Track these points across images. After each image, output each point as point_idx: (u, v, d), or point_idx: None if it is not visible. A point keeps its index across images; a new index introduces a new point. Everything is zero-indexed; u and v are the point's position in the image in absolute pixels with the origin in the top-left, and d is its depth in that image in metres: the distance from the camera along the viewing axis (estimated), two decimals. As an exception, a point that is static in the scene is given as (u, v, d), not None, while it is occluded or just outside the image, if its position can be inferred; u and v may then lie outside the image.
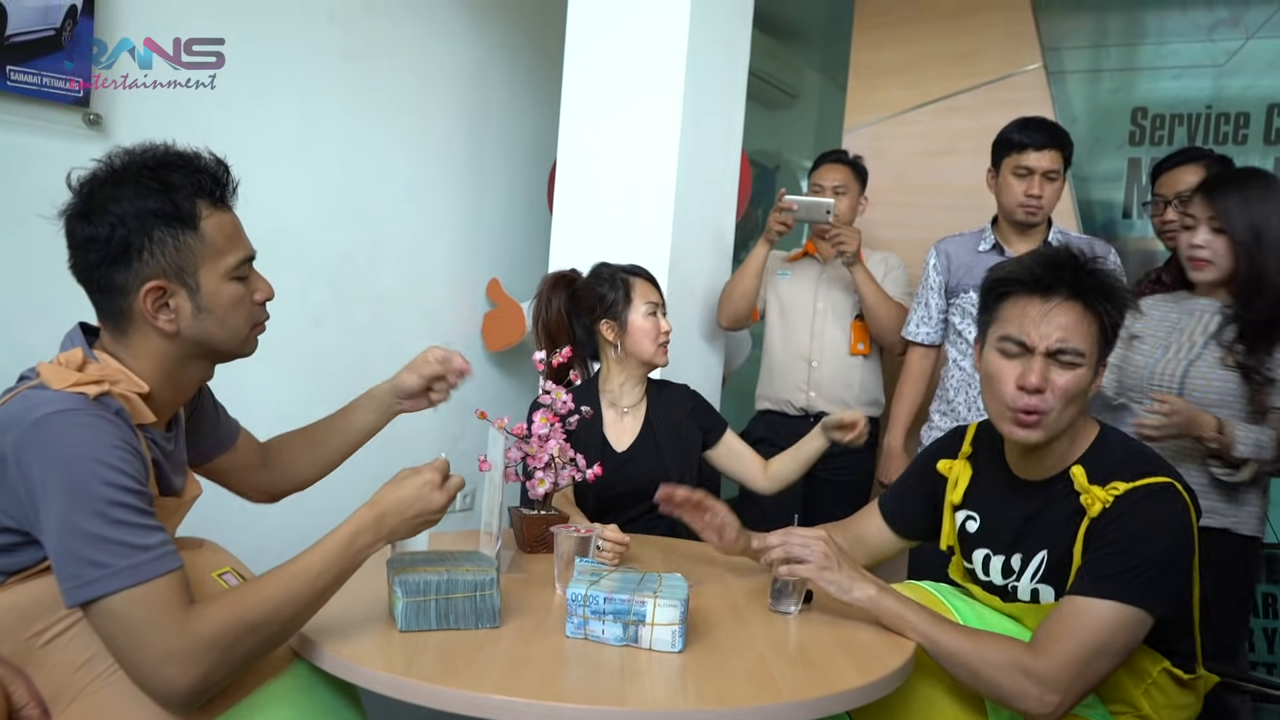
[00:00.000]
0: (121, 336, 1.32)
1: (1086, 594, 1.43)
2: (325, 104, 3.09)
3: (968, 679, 1.46)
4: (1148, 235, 3.26)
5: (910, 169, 3.46)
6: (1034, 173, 2.57)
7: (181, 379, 1.37)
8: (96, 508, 1.14)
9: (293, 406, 3.07)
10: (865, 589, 1.51)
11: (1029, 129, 2.61)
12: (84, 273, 1.31)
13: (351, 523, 1.32)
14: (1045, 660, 1.40)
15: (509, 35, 3.80)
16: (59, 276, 1.32)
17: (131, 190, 1.28)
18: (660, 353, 2.24)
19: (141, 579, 1.14)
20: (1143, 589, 1.41)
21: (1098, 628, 1.40)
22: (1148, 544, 1.43)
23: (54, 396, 1.19)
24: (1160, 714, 1.57)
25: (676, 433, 2.25)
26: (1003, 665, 1.41)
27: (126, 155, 1.32)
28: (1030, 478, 1.61)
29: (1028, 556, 1.59)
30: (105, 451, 1.17)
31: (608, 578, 1.46)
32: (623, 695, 1.23)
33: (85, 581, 1.13)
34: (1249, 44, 3.13)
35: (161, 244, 1.28)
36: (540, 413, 1.89)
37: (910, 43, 3.54)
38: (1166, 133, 3.24)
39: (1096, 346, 1.50)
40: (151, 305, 1.29)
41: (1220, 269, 2.09)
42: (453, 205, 3.61)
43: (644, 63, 2.62)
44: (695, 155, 2.67)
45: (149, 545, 1.17)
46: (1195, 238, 2.10)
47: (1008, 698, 1.42)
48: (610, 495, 2.17)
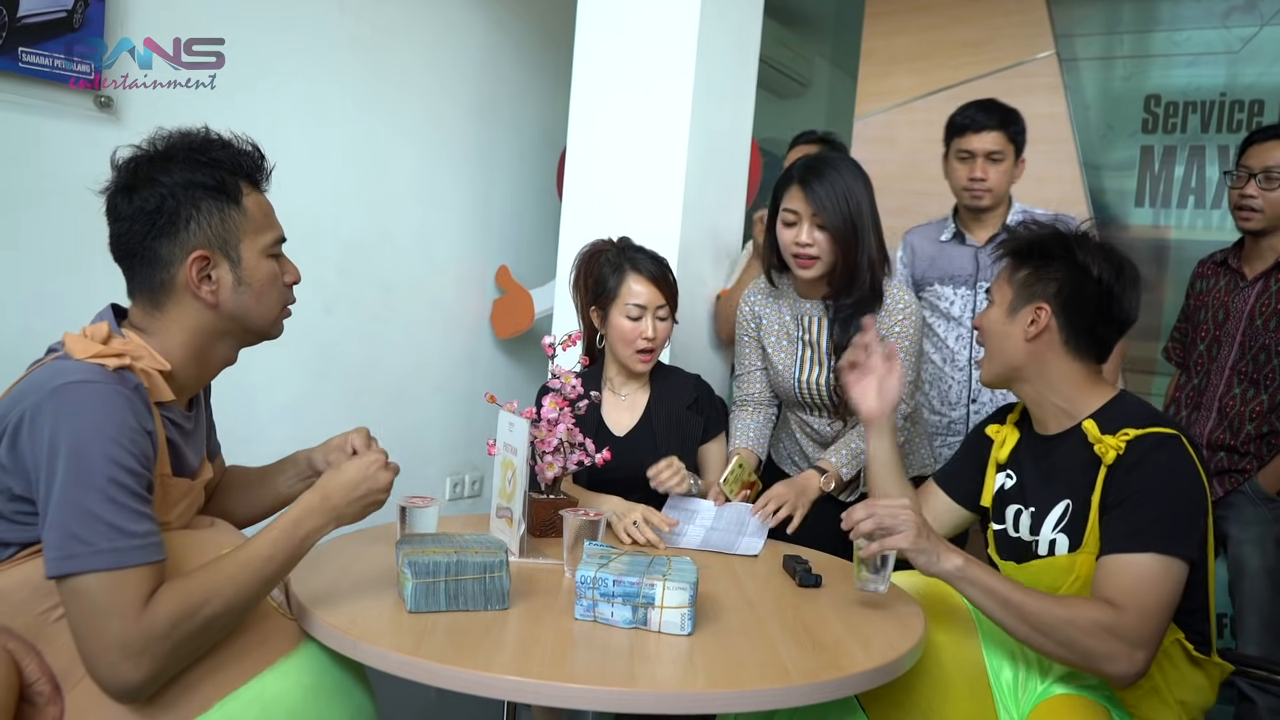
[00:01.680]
0: (157, 311, 1.35)
1: (1128, 550, 1.47)
2: (335, 91, 3.09)
3: (1055, 648, 1.46)
4: (1159, 224, 3.25)
5: (921, 156, 3.44)
6: (975, 155, 2.56)
7: (210, 356, 1.40)
8: (95, 483, 1.16)
9: (303, 393, 3.09)
10: (953, 559, 1.49)
11: (969, 111, 2.60)
12: (128, 245, 1.34)
13: (297, 508, 1.34)
14: (1127, 618, 1.42)
15: (519, 22, 3.79)
16: (69, 256, 1.33)
17: (179, 165, 1.33)
18: (636, 360, 2.12)
19: (120, 564, 1.15)
20: (1172, 537, 1.46)
21: (1154, 580, 1.44)
22: (1165, 491, 1.49)
23: (75, 366, 1.22)
24: (1171, 687, 1.58)
25: (675, 422, 2.19)
26: (1092, 630, 1.43)
27: (170, 137, 1.37)
28: (1046, 433, 1.70)
29: (1049, 507, 1.64)
30: (114, 428, 1.19)
31: (617, 560, 1.46)
32: (632, 677, 1.23)
33: (67, 554, 1.15)
34: (1263, 31, 3.11)
35: (209, 215, 1.34)
36: (549, 397, 1.89)
37: (921, 30, 3.52)
38: (1180, 120, 3.22)
39: (1012, 287, 1.68)
40: (196, 274, 1.33)
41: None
42: (462, 192, 3.61)
43: (654, 50, 2.61)
44: (705, 143, 2.66)
45: (136, 531, 1.18)
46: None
47: (1099, 660, 1.43)
48: (604, 480, 2.12)
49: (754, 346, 2.36)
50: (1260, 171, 2.44)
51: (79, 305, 1.38)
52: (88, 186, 1.39)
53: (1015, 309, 1.66)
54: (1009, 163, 2.59)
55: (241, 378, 1.73)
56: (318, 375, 3.12)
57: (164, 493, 1.33)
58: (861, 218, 2.10)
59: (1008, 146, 2.57)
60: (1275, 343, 2.42)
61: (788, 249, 2.16)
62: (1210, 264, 2.64)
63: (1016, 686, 1.61)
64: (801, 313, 2.27)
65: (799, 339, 2.27)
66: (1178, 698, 1.58)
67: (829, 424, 2.31)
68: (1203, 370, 2.57)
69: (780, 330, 2.30)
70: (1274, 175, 2.41)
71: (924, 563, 1.49)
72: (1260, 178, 2.43)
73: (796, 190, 2.12)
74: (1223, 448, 2.50)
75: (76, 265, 2.32)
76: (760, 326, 2.33)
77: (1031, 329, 1.64)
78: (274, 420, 2.96)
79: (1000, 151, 2.56)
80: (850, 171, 2.12)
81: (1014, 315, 1.66)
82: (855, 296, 2.15)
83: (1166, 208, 3.26)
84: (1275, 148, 2.45)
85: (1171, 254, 3.22)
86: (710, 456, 2.26)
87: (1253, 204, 2.44)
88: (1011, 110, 2.62)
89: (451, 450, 3.70)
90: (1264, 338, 2.44)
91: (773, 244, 2.22)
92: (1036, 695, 1.57)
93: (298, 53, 2.95)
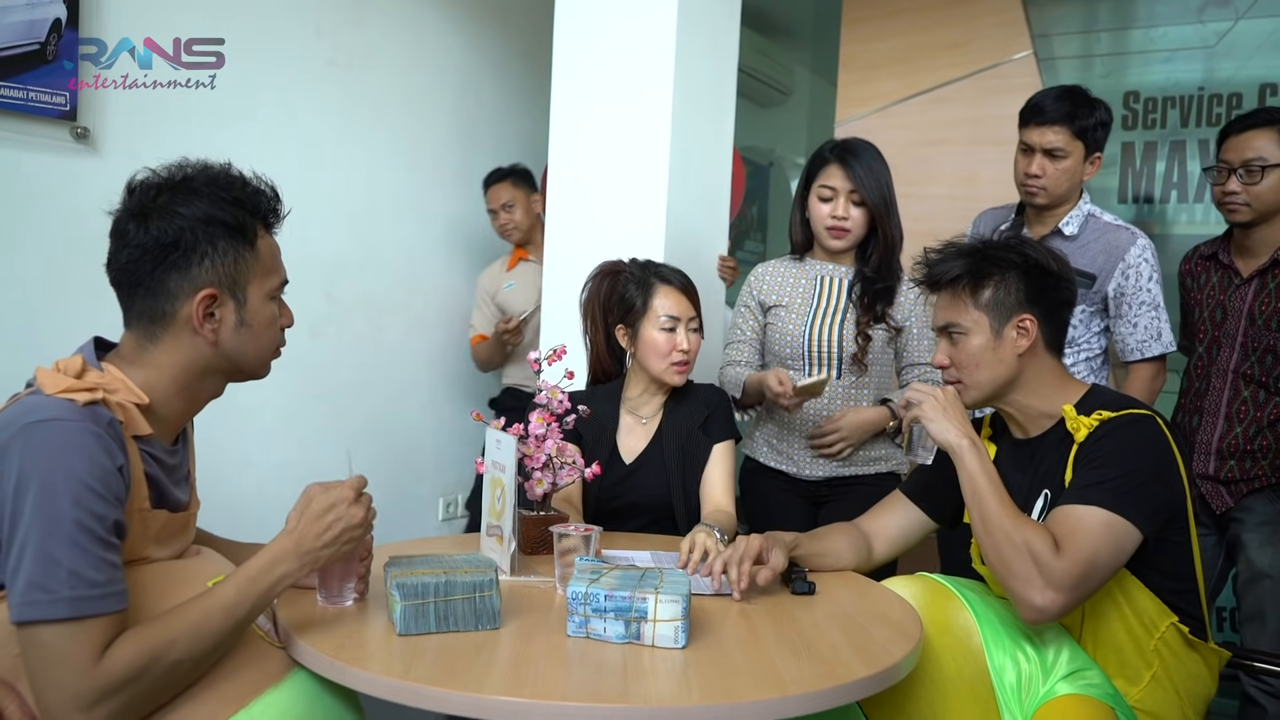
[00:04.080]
0: (150, 342, 1.33)
1: (1073, 501, 1.51)
2: (314, 114, 3.09)
3: (990, 551, 1.54)
4: (1143, 219, 3.25)
5: (903, 160, 3.43)
6: (1034, 150, 2.40)
7: (198, 391, 1.39)
8: (61, 527, 1.13)
9: (291, 416, 3.08)
10: (958, 436, 1.61)
11: (1039, 98, 2.43)
12: (133, 273, 1.31)
13: (266, 554, 1.30)
14: (1058, 557, 1.46)
15: (498, 42, 3.79)
16: (47, 289, 1.31)
17: (201, 199, 1.32)
18: (672, 371, 2.10)
19: (78, 614, 1.13)
20: (1125, 499, 1.49)
21: (1091, 531, 1.47)
22: (1128, 459, 1.52)
23: (44, 403, 1.19)
24: (1172, 677, 1.57)
25: (684, 447, 2.14)
26: (1021, 549, 1.48)
27: (190, 168, 1.36)
28: (1027, 437, 1.73)
29: (1031, 502, 1.66)
30: (83, 468, 1.16)
31: (608, 575, 1.45)
32: (626, 693, 1.21)
33: (27, 601, 1.12)
34: (1239, 25, 3.12)
35: (224, 254, 1.33)
36: (537, 413, 1.87)
37: (899, 34, 3.53)
38: (1159, 116, 3.23)
39: (986, 312, 1.67)
40: (201, 312, 1.32)
41: None
42: (446, 212, 3.61)
43: (633, 64, 2.61)
44: (687, 155, 2.66)
45: (97, 580, 1.15)
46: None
47: (1016, 580, 1.48)
48: (612, 506, 2.13)
49: (750, 319, 2.45)
50: (1240, 165, 2.35)
51: (56, 338, 1.37)
52: (65, 218, 1.37)
53: (998, 330, 1.67)
54: (1072, 161, 2.38)
55: (229, 402, 1.70)
56: (305, 398, 3.10)
57: (142, 527, 1.30)
58: (890, 195, 2.31)
59: (1073, 143, 2.38)
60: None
61: (822, 221, 2.32)
62: (1199, 258, 2.54)
63: (1020, 688, 1.59)
64: (824, 274, 2.39)
65: (815, 295, 2.37)
66: (1182, 688, 1.58)
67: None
68: (1203, 374, 2.46)
69: (794, 292, 2.40)
70: (1254, 167, 2.33)
71: (935, 430, 1.63)
72: (1241, 172, 2.35)
73: (835, 168, 2.30)
74: (1234, 455, 2.38)
75: (54, 298, 2.30)
76: (769, 299, 2.43)
77: (1023, 342, 1.66)
78: (262, 445, 2.95)
79: (1062, 148, 2.37)
80: (878, 155, 2.33)
81: (999, 336, 1.67)
82: (880, 264, 2.32)
83: (1150, 203, 3.27)
84: (1252, 138, 2.35)
85: (1156, 249, 3.22)
86: (713, 465, 2.16)
87: (1237, 199, 2.36)
88: (1088, 102, 2.40)
89: (443, 470, 3.68)
90: (1268, 338, 2.34)
91: (802, 220, 2.39)
92: (1040, 696, 1.56)
93: (276, 79, 2.95)
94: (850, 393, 2.35)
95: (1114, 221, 2.48)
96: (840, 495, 2.35)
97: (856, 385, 2.35)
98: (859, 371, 2.33)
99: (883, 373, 2.38)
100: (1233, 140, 2.39)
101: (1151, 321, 2.41)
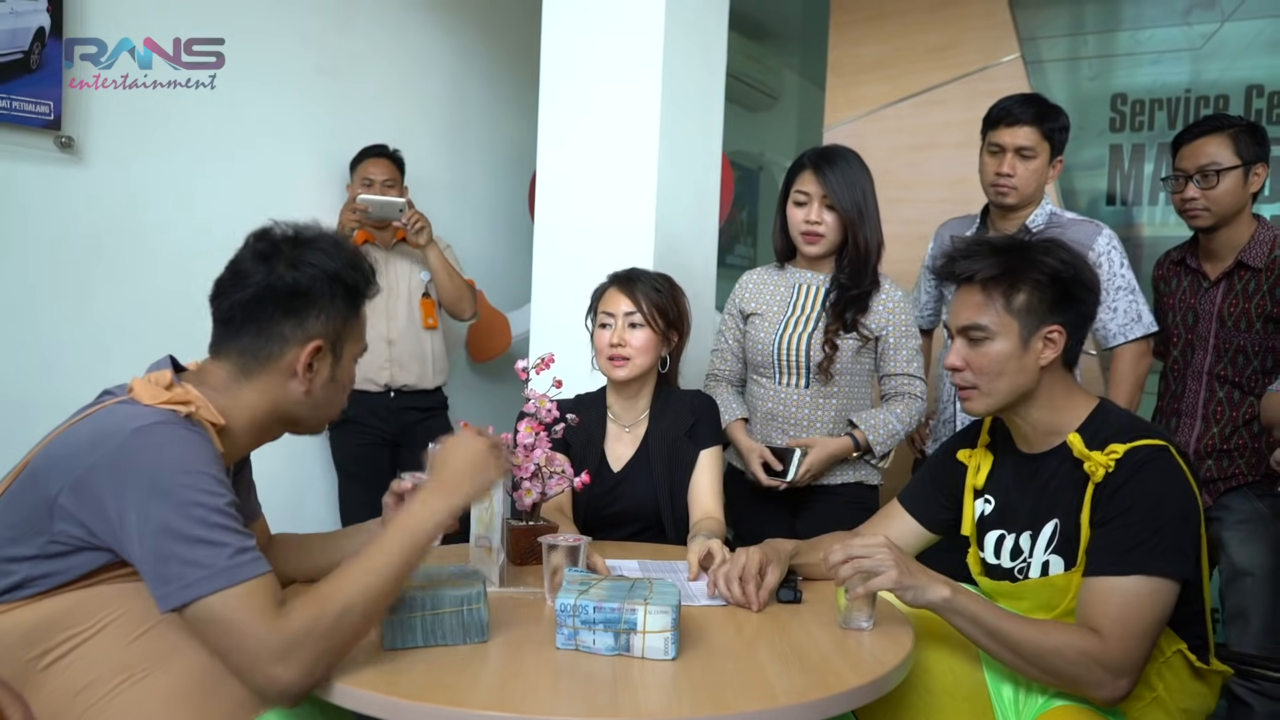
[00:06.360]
0: (243, 377, 1.38)
1: (1115, 573, 1.44)
2: (302, 122, 3.07)
3: (1041, 675, 1.46)
4: (1131, 222, 3.26)
5: (893, 164, 3.45)
6: (1005, 150, 2.48)
7: (264, 433, 1.44)
8: (196, 514, 1.19)
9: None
10: (939, 590, 1.47)
11: (1005, 103, 2.52)
12: (250, 311, 1.36)
13: (419, 502, 1.37)
14: (1111, 646, 1.41)
15: (485, 47, 3.78)
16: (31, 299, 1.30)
17: (330, 258, 1.40)
18: (610, 367, 2.11)
19: (240, 579, 1.19)
20: (1162, 559, 1.43)
21: (1141, 604, 1.42)
22: (1155, 510, 1.45)
23: (145, 410, 1.26)
24: (1173, 697, 1.55)
25: (671, 454, 2.14)
26: (1077, 660, 1.42)
27: (311, 229, 1.44)
28: (1032, 451, 1.64)
29: (1038, 529, 1.59)
30: (199, 458, 1.24)
31: (597, 586, 1.43)
32: (616, 706, 1.20)
33: (188, 582, 1.17)
34: (1225, 27, 3.13)
35: (338, 311, 1.41)
36: (525, 422, 1.86)
37: (887, 38, 3.53)
38: (1147, 118, 3.24)
39: (1017, 318, 1.55)
40: (307, 361, 1.38)
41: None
42: (435, 218, 3.59)
43: (621, 69, 2.60)
44: (675, 159, 2.65)
45: (245, 547, 1.22)
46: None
47: (1085, 687, 1.44)
48: (602, 515, 2.13)
49: (733, 327, 2.46)
50: (1196, 172, 2.38)
51: (42, 348, 1.35)
52: (50, 227, 1.37)
53: (1026, 339, 1.56)
54: (1041, 161, 2.48)
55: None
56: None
57: None
58: (865, 203, 2.29)
59: (1041, 144, 2.47)
60: (1250, 344, 2.38)
61: (797, 226, 2.33)
62: (1169, 263, 2.59)
63: (1017, 701, 1.58)
64: (802, 282, 2.39)
65: (790, 303, 2.38)
66: (1180, 707, 1.56)
67: (791, 390, 2.36)
68: (1179, 376, 2.51)
69: (772, 300, 2.41)
70: (1209, 173, 2.36)
71: (911, 598, 1.48)
72: (1197, 178, 2.38)
73: (809, 174, 2.31)
74: (1211, 454, 2.42)
75: (39, 307, 2.28)
76: (748, 307, 2.43)
77: (1048, 354, 1.56)
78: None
79: (1032, 148, 2.46)
80: (856, 162, 2.33)
81: (1026, 346, 1.56)
82: (855, 271, 2.31)
83: (1138, 205, 3.27)
84: (1204, 144, 2.39)
85: (1145, 251, 3.22)
86: (700, 472, 2.15)
87: (1197, 204, 2.40)
88: (1052, 107, 2.51)
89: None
90: (1238, 339, 2.39)
91: (782, 227, 2.39)
92: (1037, 708, 1.54)
93: (262, 87, 2.93)
94: (817, 402, 2.34)
95: (1076, 217, 2.57)
96: (810, 505, 2.37)
97: (824, 394, 2.33)
98: (823, 380, 2.32)
99: (853, 383, 2.36)
100: (1186, 149, 2.44)
101: (1130, 305, 2.47)
